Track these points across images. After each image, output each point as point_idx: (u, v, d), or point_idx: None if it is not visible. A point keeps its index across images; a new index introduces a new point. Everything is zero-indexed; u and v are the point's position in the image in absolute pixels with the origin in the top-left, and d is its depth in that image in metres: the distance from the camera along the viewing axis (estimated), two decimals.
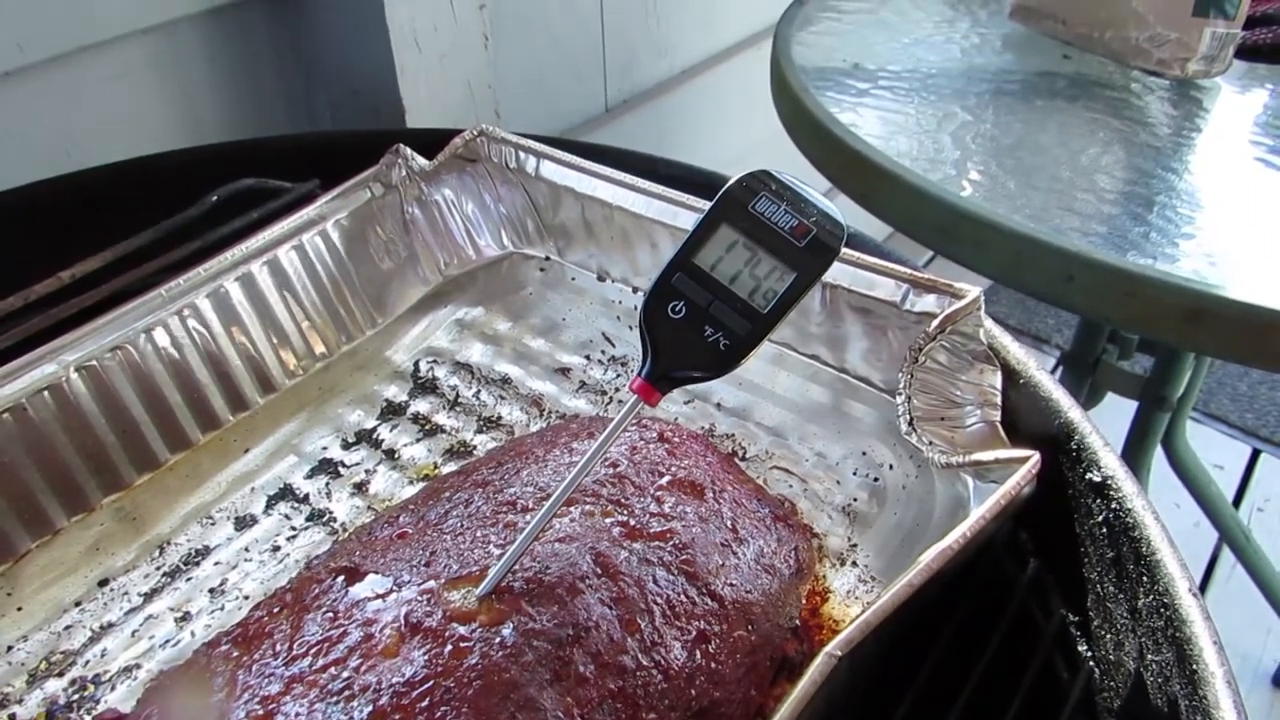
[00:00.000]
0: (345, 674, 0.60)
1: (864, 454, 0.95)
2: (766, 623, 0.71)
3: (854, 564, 0.86)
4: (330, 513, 0.93)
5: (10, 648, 0.83)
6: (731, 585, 0.70)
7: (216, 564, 0.89)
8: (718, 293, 0.66)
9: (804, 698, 0.59)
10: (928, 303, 0.88)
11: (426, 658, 0.60)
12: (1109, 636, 0.79)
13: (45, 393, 0.90)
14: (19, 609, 0.86)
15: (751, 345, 0.66)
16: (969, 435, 0.85)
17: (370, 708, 0.57)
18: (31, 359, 0.90)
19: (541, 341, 1.11)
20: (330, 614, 0.64)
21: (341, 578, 0.67)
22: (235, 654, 0.64)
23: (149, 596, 0.87)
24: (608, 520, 0.71)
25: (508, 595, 0.64)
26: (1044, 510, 0.84)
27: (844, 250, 0.92)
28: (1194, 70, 1.56)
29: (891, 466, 0.93)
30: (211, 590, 0.87)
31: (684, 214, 1.02)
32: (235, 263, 1.04)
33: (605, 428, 0.66)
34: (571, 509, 0.71)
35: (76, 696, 0.79)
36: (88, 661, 0.82)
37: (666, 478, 0.76)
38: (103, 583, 0.88)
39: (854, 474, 0.93)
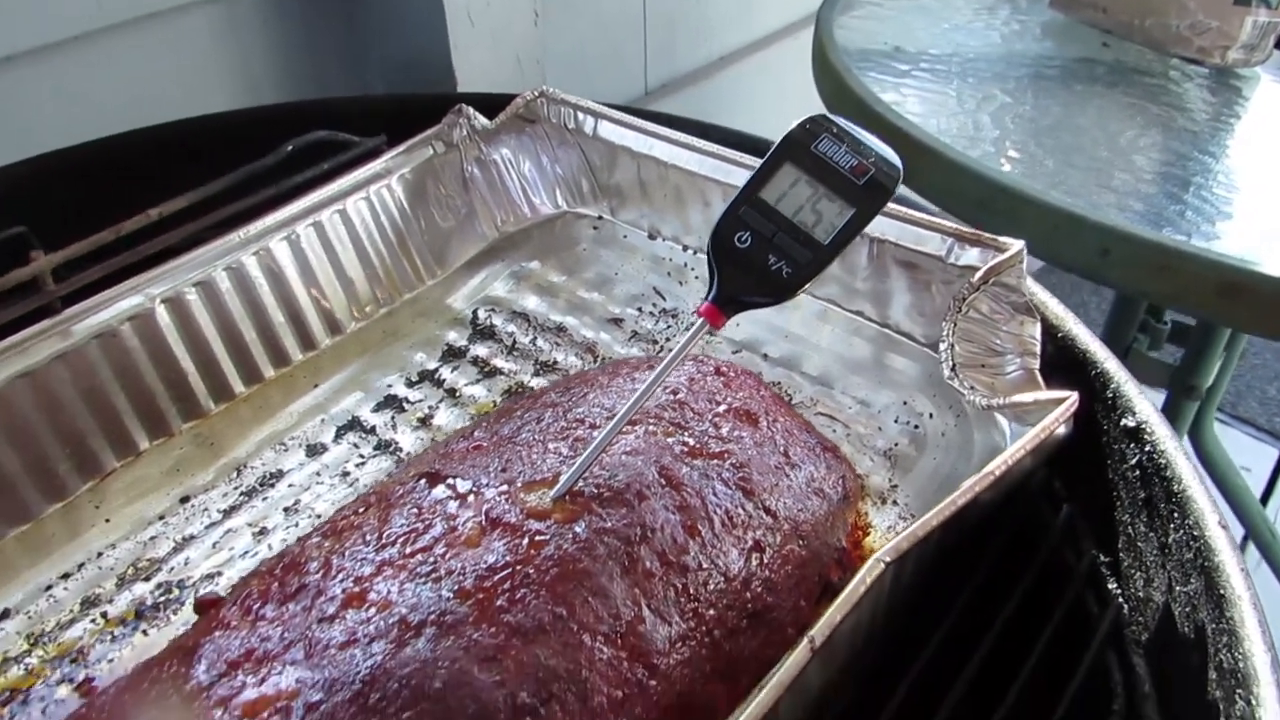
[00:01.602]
0: (431, 560, 0.65)
1: (905, 403, 0.99)
2: (816, 540, 0.75)
3: (894, 503, 0.90)
4: (396, 443, 0.99)
5: (100, 554, 0.88)
6: (784, 503, 0.75)
7: (290, 486, 0.95)
8: (781, 225, 0.71)
9: (852, 598, 0.64)
10: (971, 256, 0.93)
11: (506, 548, 0.65)
12: (1138, 574, 0.83)
13: (133, 321, 0.95)
14: (106, 520, 0.91)
15: (812, 274, 0.70)
16: (1008, 382, 0.89)
17: (456, 588, 0.62)
18: (121, 290, 0.96)
19: (595, 294, 1.16)
20: (415, 510, 0.69)
21: (423, 481, 0.72)
22: (326, 544, 0.69)
23: (228, 513, 0.92)
24: (669, 440, 0.75)
25: (579, 498, 0.69)
26: (1078, 458, 0.88)
27: (892, 206, 0.97)
28: (1234, 59, 1.59)
29: (931, 415, 0.97)
30: (286, 509, 0.92)
31: (737, 172, 1.06)
32: (307, 210, 1.09)
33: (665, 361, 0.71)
34: (635, 428, 0.76)
35: (163, 598, 0.84)
36: (172, 568, 0.87)
37: (723, 406, 0.80)
38: (184, 500, 0.93)
39: (895, 421, 0.97)
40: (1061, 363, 0.92)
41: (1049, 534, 0.89)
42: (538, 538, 0.65)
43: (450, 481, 0.71)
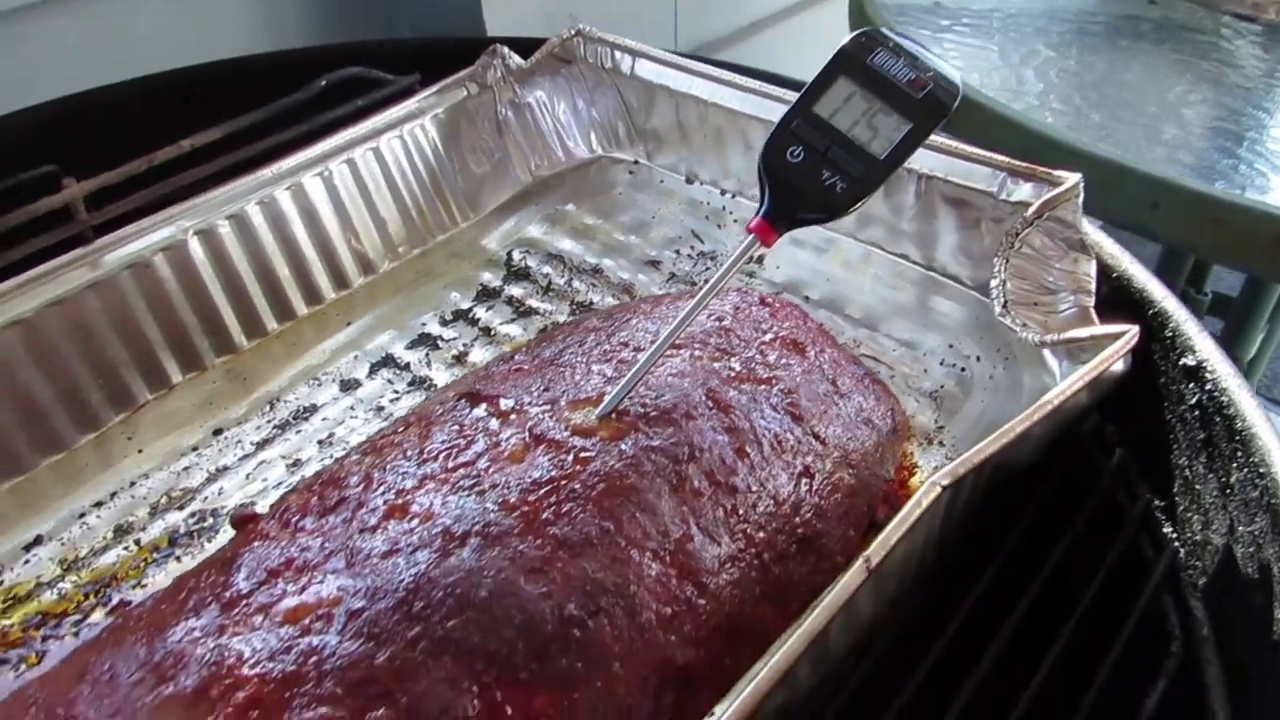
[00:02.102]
0: (474, 474, 0.63)
1: (950, 346, 0.96)
2: (865, 470, 0.73)
3: (940, 444, 0.88)
4: (431, 380, 0.97)
5: (133, 483, 0.87)
6: (833, 431, 0.73)
7: (324, 420, 0.93)
8: (835, 139, 0.68)
9: (908, 520, 0.62)
10: (1024, 191, 0.90)
11: (551, 463, 0.63)
12: (1195, 517, 0.80)
13: (165, 253, 0.94)
14: (139, 451, 0.90)
15: (868, 189, 0.68)
16: (1062, 320, 0.86)
17: (501, 501, 0.61)
18: (153, 221, 0.95)
19: (631, 237, 1.14)
20: (456, 427, 0.68)
21: (463, 400, 0.70)
22: (366, 460, 0.67)
23: (261, 445, 0.91)
24: (715, 364, 0.73)
25: (625, 417, 0.67)
26: (1132, 400, 0.85)
27: (941, 140, 0.95)
28: None
29: (979, 359, 0.95)
30: (320, 442, 0.91)
31: (779, 109, 1.03)
32: (340, 147, 1.07)
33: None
34: (680, 352, 0.74)
35: (197, 527, 0.83)
36: (206, 498, 0.86)
37: (769, 335, 0.78)
38: (217, 432, 0.92)
39: (940, 364, 0.95)
40: (1116, 303, 0.89)
41: (1101, 478, 0.86)
42: (583, 454, 0.64)
43: (492, 400, 0.70)
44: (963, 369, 0.94)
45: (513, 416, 0.67)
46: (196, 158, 1.00)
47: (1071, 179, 0.87)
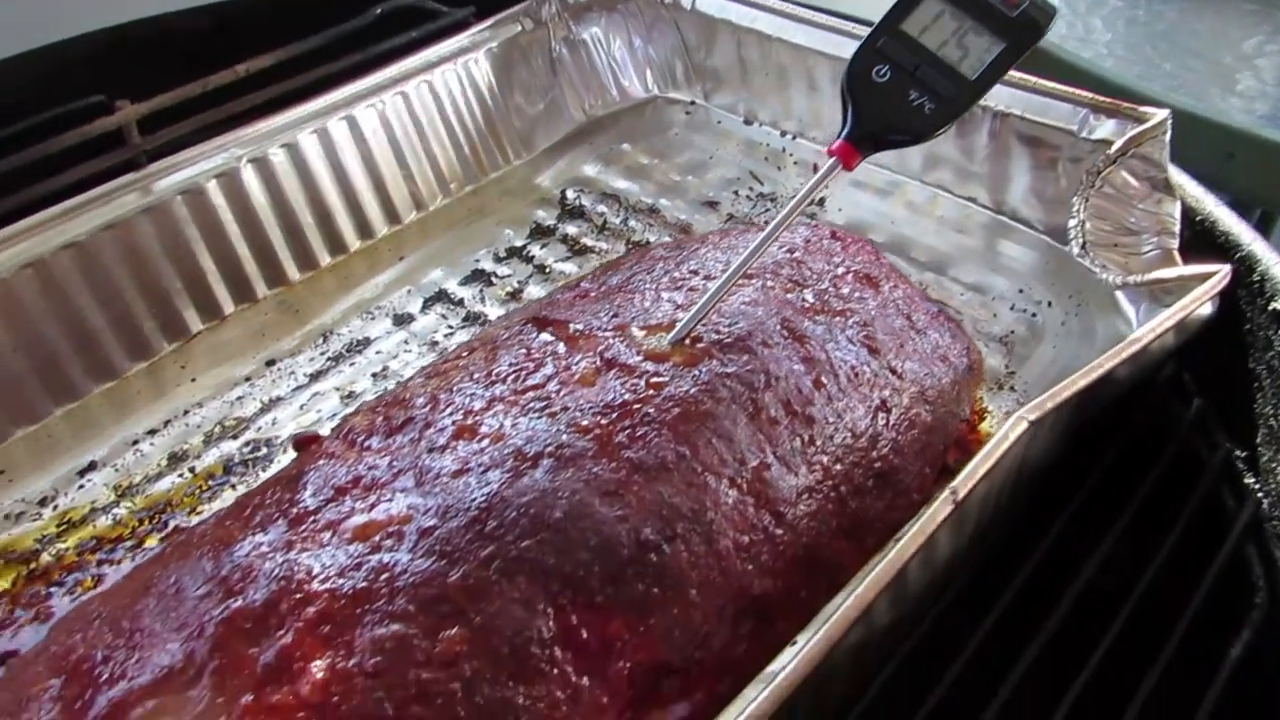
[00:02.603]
0: (544, 396, 0.61)
1: (1020, 291, 0.93)
2: (942, 408, 0.70)
3: (1011, 389, 0.85)
4: (485, 315, 0.95)
5: (186, 411, 0.86)
6: (910, 366, 0.70)
7: (378, 353, 0.92)
8: (924, 59, 0.65)
9: (994, 453, 0.59)
10: (1107, 128, 0.86)
11: (623, 387, 0.61)
12: None
13: (219, 179, 0.92)
14: (192, 380, 0.89)
15: (957, 111, 0.65)
16: (1144, 262, 0.83)
17: (573, 423, 0.59)
18: (207, 148, 0.93)
19: (688, 178, 1.11)
20: (523, 351, 0.66)
21: (530, 325, 0.68)
22: (432, 383, 0.65)
23: (314, 377, 0.89)
24: (789, 295, 0.71)
25: (699, 344, 0.65)
26: (1213, 348, 0.82)
27: (1018, 75, 0.91)
28: None
29: (1050, 304, 0.92)
30: (374, 375, 0.89)
31: (848, 44, 1.00)
32: (393, 80, 1.05)
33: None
34: (752, 282, 0.71)
35: (251, 456, 0.82)
36: (260, 427, 0.85)
37: (841, 268, 0.76)
38: (270, 363, 0.91)
39: (1011, 309, 0.92)
40: (1200, 246, 0.86)
41: (1178, 427, 0.83)
42: (656, 379, 0.61)
43: (559, 325, 0.67)
44: (1033, 314, 0.91)
45: (581, 341, 0.65)
46: (251, 84, 0.98)
47: (1159, 114, 0.83)
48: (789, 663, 0.49)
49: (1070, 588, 0.71)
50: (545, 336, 0.67)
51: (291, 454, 0.78)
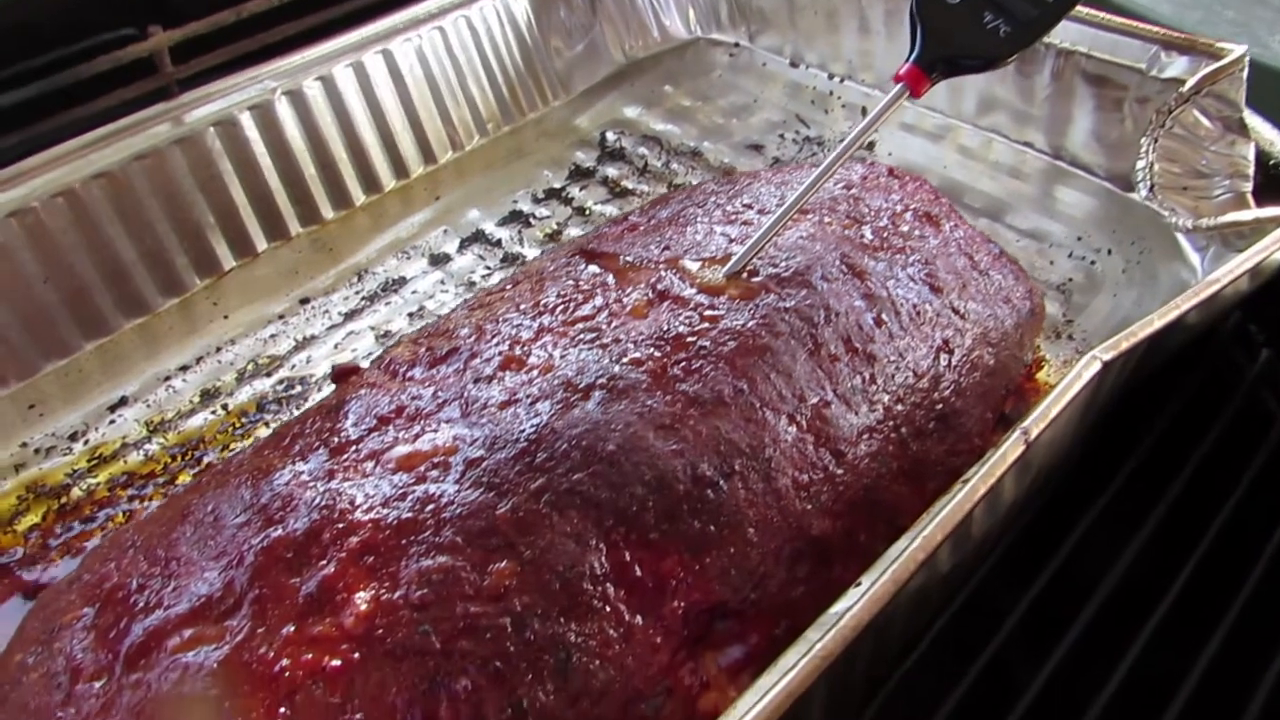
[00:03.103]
0: (594, 328, 0.58)
1: (1079, 239, 0.90)
2: (1005, 351, 0.67)
3: (1070, 338, 0.82)
4: (523, 256, 0.92)
5: (219, 349, 0.84)
6: (973, 307, 0.67)
7: (414, 292, 0.89)
8: None
9: (1066, 392, 0.56)
10: (1179, 66, 0.82)
11: (677, 320, 0.58)
12: None
13: (253, 111, 0.90)
14: (225, 317, 0.87)
15: (1034, 35, 0.62)
16: (1215, 205, 0.80)
17: (625, 355, 0.56)
18: (241, 79, 0.90)
19: (732, 120, 1.08)
20: (572, 283, 0.63)
21: (578, 256, 0.66)
22: (476, 314, 0.63)
23: (349, 316, 0.87)
24: (847, 231, 0.68)
25: (755, 278, 0.62)
26: None
27: (1086, 10, 0.87)
28: None
29: (1110, 252, 0.88)
30: (410, 314, 0.87)
31: None
32: (431, 14, 1.02)
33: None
34: (809, 217, 0.68)
35: (286, 394, 0.80)
36: (294, 365, 0.83)
37: (900, 205, 0.73)
38: (304, 301, 0.88)
39: (1069, 257, 0.89)
40: (1274, 192, 0.82)
41: (1243, 379, 0.80)
42: (711, 312, 0.59)
43: (609, 257, 0.65)
44: (1092, 262, 0.88)
45: (632, 274, 0.63)
46: (285, 13, 0.95)
47: (1236, 50, 0.79)
48: (854, 603, 0.47)
49: (1136, 536, 0.69)
50: (594, 269, 0.64)
51: (329, 389, 0.76)
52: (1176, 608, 0.64)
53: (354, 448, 0.53)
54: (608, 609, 0.49)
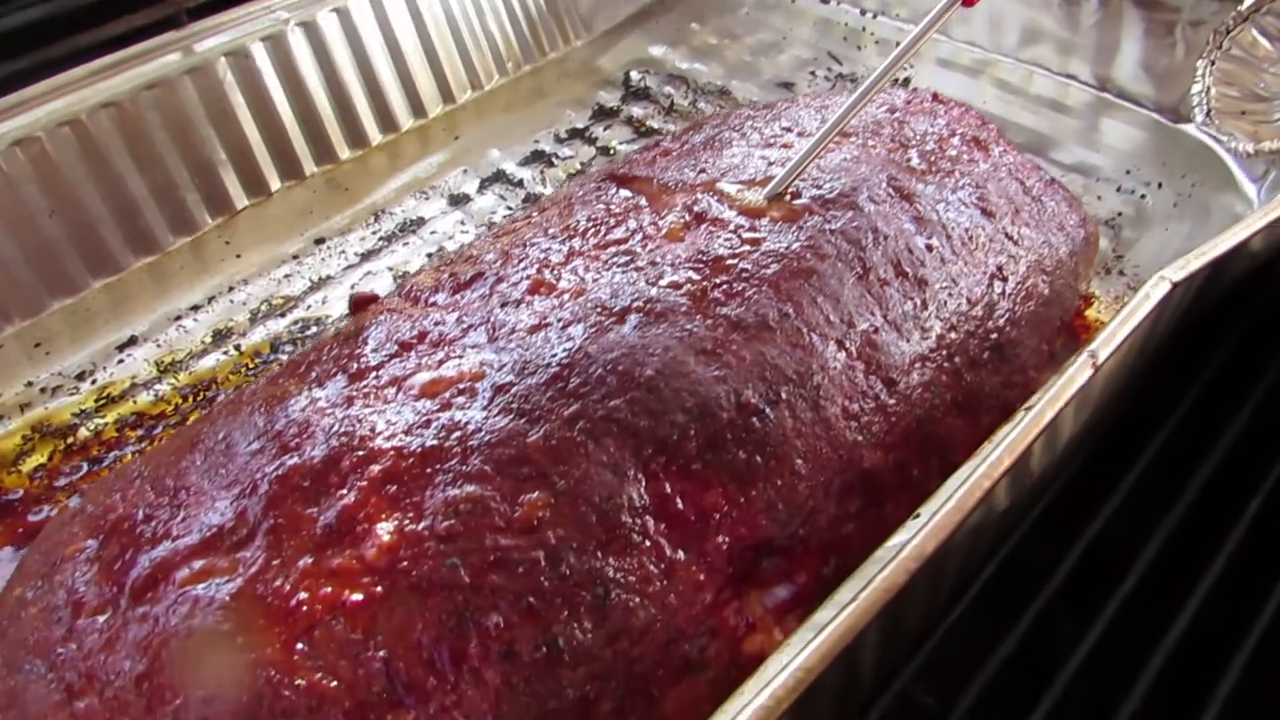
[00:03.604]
0: (628, 251, 0.55)
1: (1127, 173, 0.86)
2: (1060, 280, 0.64)
3: (1120, 273, 0.78)
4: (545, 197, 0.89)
5: (231, 288, 0.81)
6: (1026, 233, 0.63)
7: (433, 233, 0.86)
8: None
9: (1133, 314, 0.53)
10: None
11: (717, 242, 0.55)
12: None
13: (266, 43, 0.86)
14: (237, 256, 0.83)
15: None
16: (1275, 129, 0.75)
17: (661, 278, 0.52)
18: (254, 8, 0.87)
19: (761, 59, 1.04)
20: (603, 207, 0.59)
21: (608, 181, 0.62)
22: (502, 240, 0.59)
23: (366, 256, 0.84)
24: (893, 155, 0.64)
25: (797, 200, 0.58)
26: None
27: None
28: None
29: (1160, 185, 0.84)
30: (429, 254, 0.83)
31: None
32: None
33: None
34: (852, 140, 0.64)
35: (300, 335, 0.77)
36: (309, 306, 0.79)
37: (947, 130, 0.69)
38: (319, 241, 0.85)
39: (1117, 191, 0.85)
40: None
41: None
42: (752, 234, 0.55)
43: (641, 181, 0.61)
44: (1142, 196, 0.84)
45: (666, 197, 0.59)
46: None
47: None
48: (915, 534, 0.43)
49: (1196, 475, 0.65)
50: (625, 193, 0.60)
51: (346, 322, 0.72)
52: (1236, 558, 0.61)
53: (374, 374, 0.50)
54: (648, 544, 0.45)
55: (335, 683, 0.40)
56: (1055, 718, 0.56)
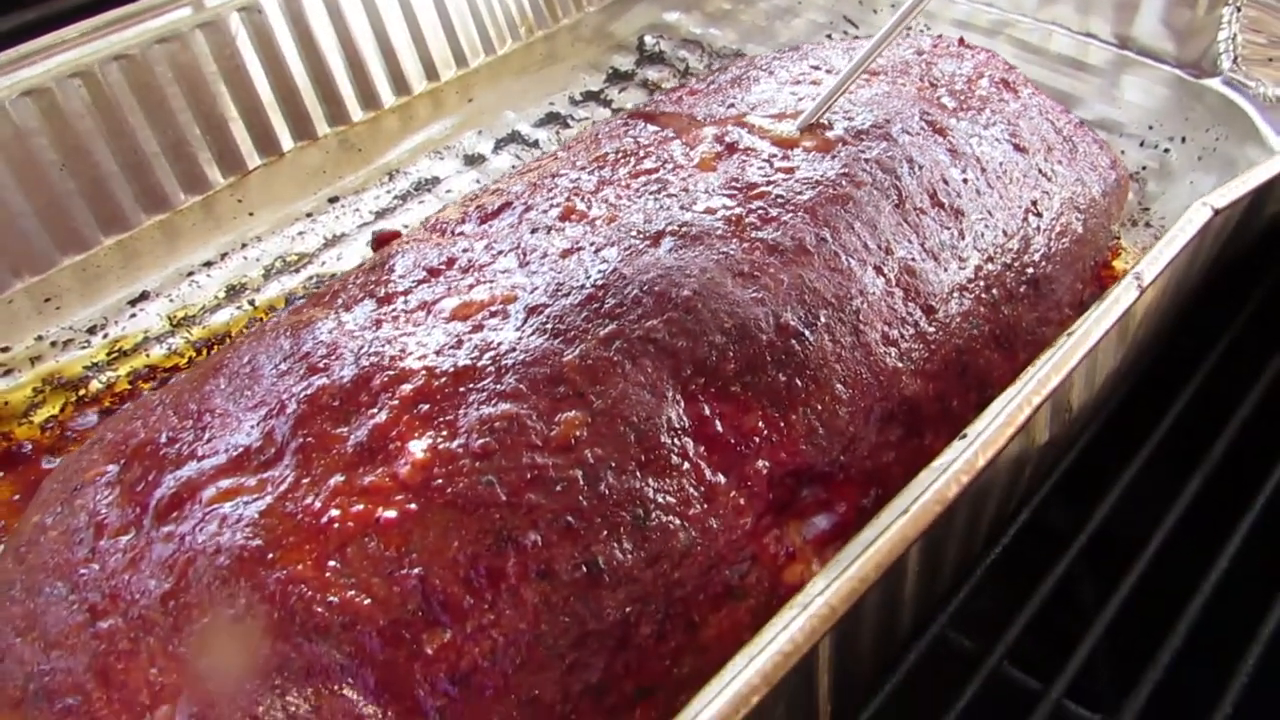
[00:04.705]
0: (660, 180, 0.54)
1: (1150, 128, 0.85)
2: (1093, 220, 0.63)
3: (1147, 225, 0.77)
4: None
5: (244, 245, 0.79)
6: (1059, 170, 0.62)
7: (448, 191, 0.84)
8: None
9: (1176, 239, 0.52)
10: None
11: (751, 170, 0.53)
12: None
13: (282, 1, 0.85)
14: (250, 214, 0.82)
15: None
16: None
17: (695, 204, 0.51)
18: None
19: (775, 23, 1.02)
20: (632, 141, 0.58)
21: (636, 119, 0.61)
22: (528, 175, 0.58)
23: (381, 214, 0.82)
24: (923, 92, 0.63)
25: (830, 131, 0.57)
26: None
27: None
28: None
29: (1184, 140, 0.83)
30: (429, 216, 0.82)
31: None
32: None
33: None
34: (881, 77, 0.63)
35: (314, 290, 0.75)
36: (323, 263, 0.78)
37: (974, 71, 0.67)
38: (332, 200, 0.84)
39: (1140, 146, 0.84)
40: None
41: None
42: (785, 163, 0.54)
43: (669, 117, 0.60)
44: (1165, 150, 0.83)
45: (695, 130, 0.58)
46: None
47: None
48: (964, 452, 0.42)
49: (1234, 417, 0.64)
50: (653, 127, 0.59)
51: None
52: (1262, 520, 0.59)
53: (403, 298, 0.49)
54: (687, 465, 0.44)
55: (369, 600, 0.39)
56: (1094, 659, 0.55)
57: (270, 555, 0.40)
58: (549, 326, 0.46)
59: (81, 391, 0.68)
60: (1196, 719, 0.50)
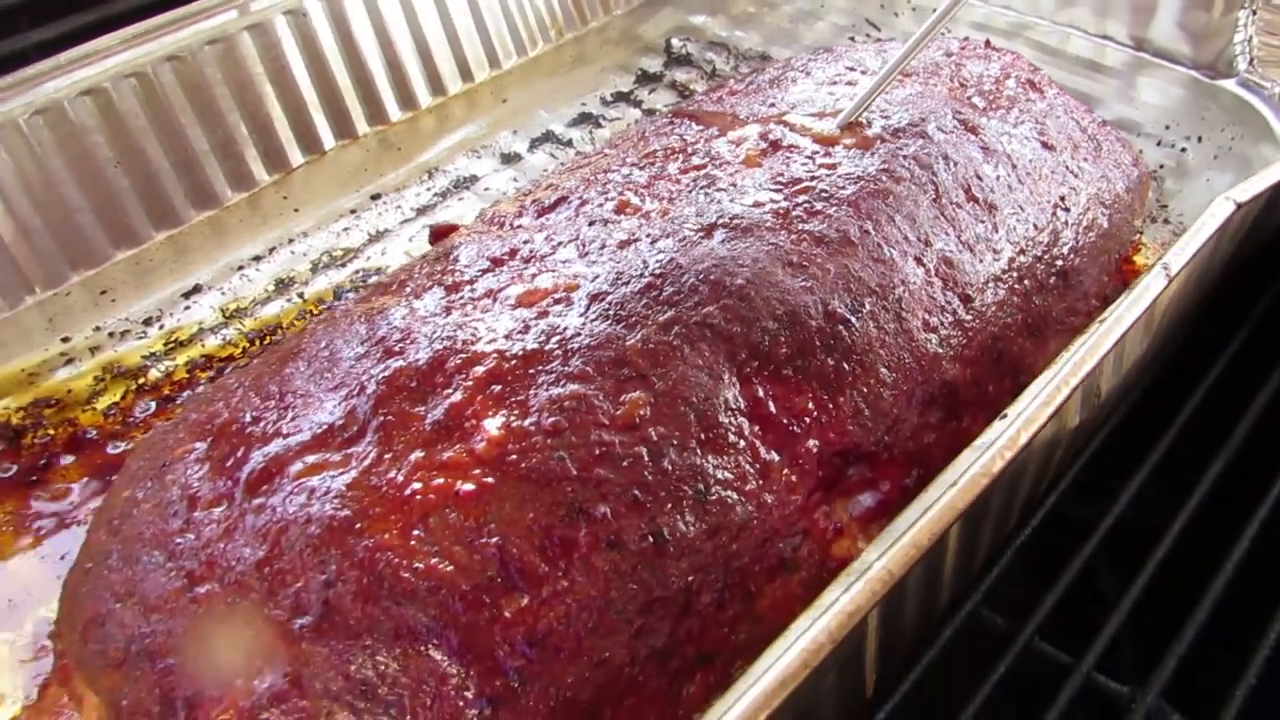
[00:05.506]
0: (708, 177, 0.56)
1: (1167, 128, 0.87)
2: (1118, 215, 0.65)
3: (1166, 221, 0.80)
4: None
5: (291, 240, 0.82)
6: (1085, 167, 0.65)
7: (487, 189, 0.87)
8: None
9: (1200, 231, 0.54)
10: None
11: (795, 166, 0.56)
12: None
13: (323, 2, 0.88)
14: (296, 210, 0.85)
15: None
16: None
17: (744, 198, 0.54)
18: None
19: (799, 26, 1.05)
20: (678, 140, 0.61)
21: (680, 119, 0.63)
22: (580, 171, 0.61)
23: (422, 211, 0.85)
24: (954, 93, 0.65)
25: (868, 129, 0.59)
26: None
27: None
28: None
29: (1200, 139, 0.85)
30: (484, 210, 0.85)
31: None
32: None
33: None
34: (914, 79, 0.66)
35: (361, 283, 0.78)
36: (368, 257, 0.81)
37: (1001, 72, 0.70)
38: (375, 197, 0.86)
39: (1157, 145, 0.86)
40: None
41: None
42: (827, 159, 0.57)
43: (713, 116, 0.63)
44: (1182, 149, 0.85)
45: (739, 129, 0.60)
46: None
47: None
48: (1010, 424, 0.45)
49: (1253, 404, 0.66)
50: (698, 126, 0.62)
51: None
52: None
53: (469, 286, 0.51)
54: (743, 444, 0.47)
55: (451, 567, 0.42)
56: (1122, 636, 0.57)
57: (358, 525, 0.42)
58: (611, 313, 0.48)
59: (141, 380, 0.70)
60: (1221, 691, 0.53)
